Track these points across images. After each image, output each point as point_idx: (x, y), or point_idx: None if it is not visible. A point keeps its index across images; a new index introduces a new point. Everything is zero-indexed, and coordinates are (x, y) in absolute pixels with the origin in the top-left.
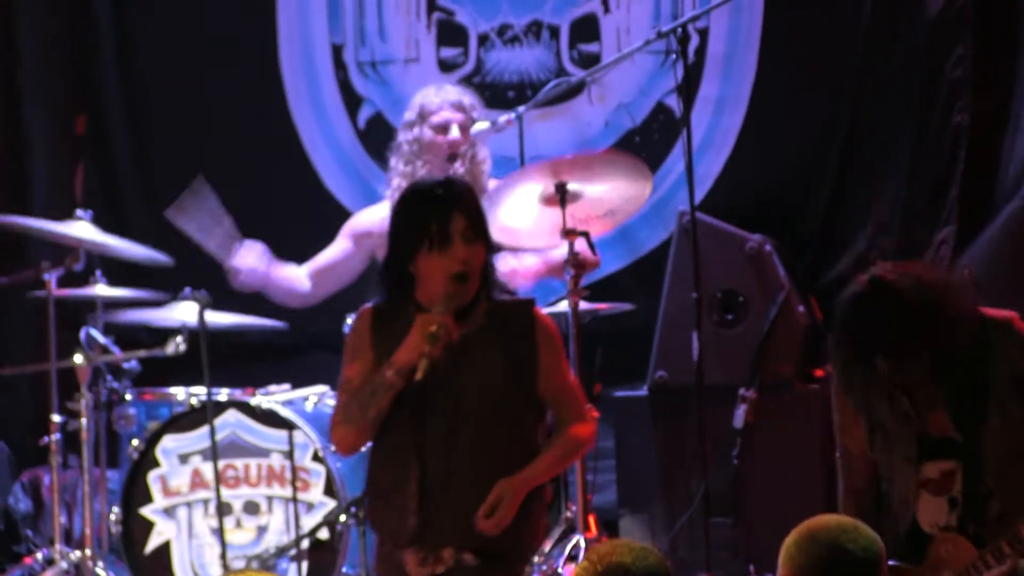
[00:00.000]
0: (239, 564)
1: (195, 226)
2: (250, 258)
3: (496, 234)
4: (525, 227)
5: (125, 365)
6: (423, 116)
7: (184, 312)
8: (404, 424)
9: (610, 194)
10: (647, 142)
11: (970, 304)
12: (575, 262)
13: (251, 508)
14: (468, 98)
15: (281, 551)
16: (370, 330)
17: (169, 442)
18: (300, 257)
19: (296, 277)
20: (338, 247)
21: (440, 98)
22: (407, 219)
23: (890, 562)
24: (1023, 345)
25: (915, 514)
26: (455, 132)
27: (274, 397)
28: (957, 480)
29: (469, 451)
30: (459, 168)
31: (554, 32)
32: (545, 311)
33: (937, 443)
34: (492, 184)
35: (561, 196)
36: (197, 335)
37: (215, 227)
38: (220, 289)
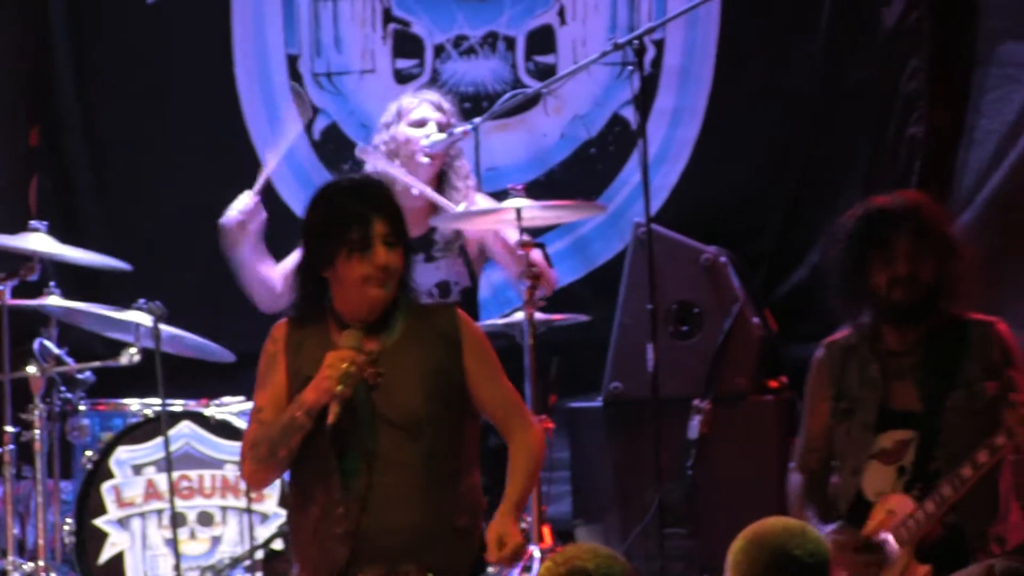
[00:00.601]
0: (193, 575)
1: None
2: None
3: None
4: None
5: (79, 376)
6: (400, 114)
7: (138, 323)
8: (322, 449)
9: (563, 215)
10: (603, 154)
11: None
12: (531, 274)
13: (205, 519)
14: (448, 104)
15: (235, 562)
16: (284, 350)
17: (123, 453)
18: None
19: (273, 273)
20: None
21: (419, 98)
22: (324, 221)
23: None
24: (1000, 344)
25: (861, 484)
26: (432, 128)
27: (228, 408)
28: (910, 450)
29: (396, 468)
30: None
31: (510, 43)
32: (501, 321)
33: (897, 415)
34: (480, 198)
35: (517, 215)
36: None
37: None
38: (174, 301)
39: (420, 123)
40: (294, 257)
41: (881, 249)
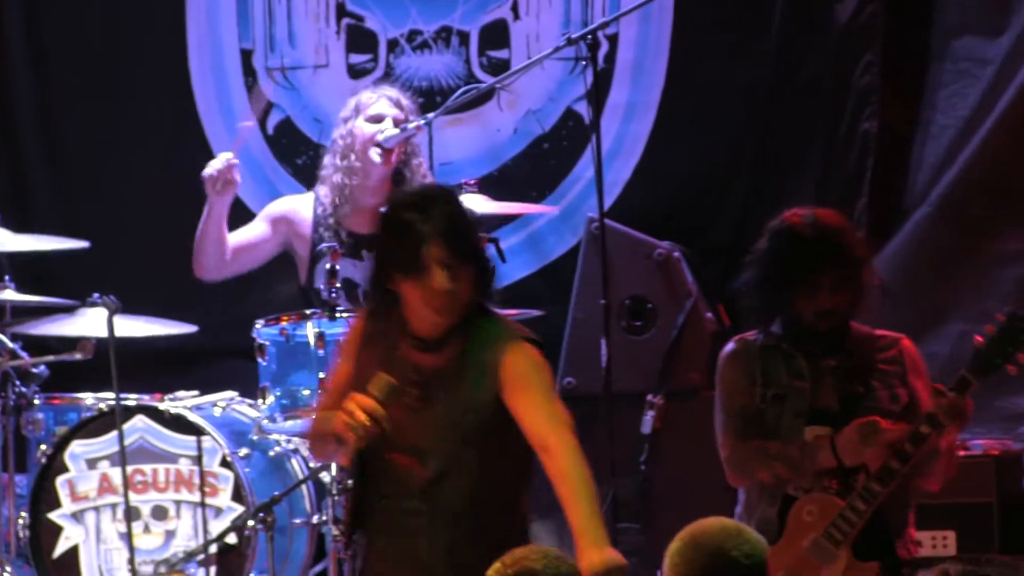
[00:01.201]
0: (147, 569)
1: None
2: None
3: None
4: None
5: (34, 370)
6: (358, 110)
7: (93, 318)
8: (377, 465)
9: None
10: (556, 148)
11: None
12: None
13: (159, 513)
14: (407, 100)
15: (189, 556)
16: (359, 336)
17: (77, 447)
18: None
19: (228, 239)
20: (256, 227)
21: (378, 93)
22: (383, 237)
23: None
24: (909, 355)
25: None
26: (388, 124)
27: (182, 403)
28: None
29: (436, 491)
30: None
31: (464, 38)
32: None
33: (818, 411)
34: None
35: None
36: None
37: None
38: (129, 295)
39: (377, 119)
40: (247, 231)
41: (805, 283)
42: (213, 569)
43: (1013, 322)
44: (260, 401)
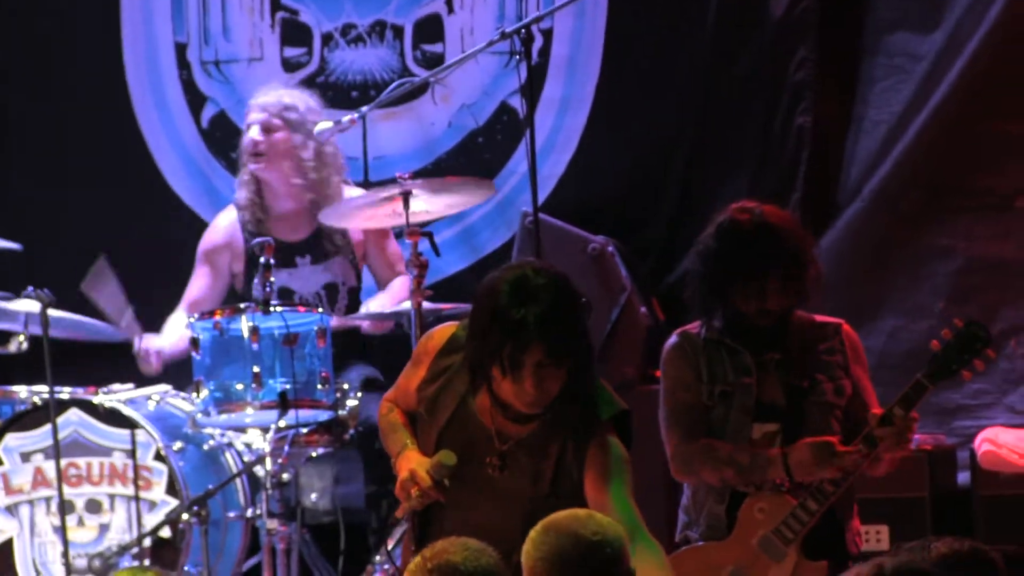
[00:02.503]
0: (81, 562)
1: (103, 302)
2: (156, 340)
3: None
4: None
5: None
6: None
7: (26, 310)
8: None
9: (453, 202)
10: (490, 142)
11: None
12: (417, 263)
13: (93, 506)
14: (290, 98)
15: (123, 549)
16: (430, 362)
17: (11, 440)
18: (146, 253)
19: (183, 328)
20: (199, 276)
21: (255, 99)
22: (482, 327)
23: (697, 542)
24: (851, 342)
25: None
26: (253, 132)
27: (116, 396)
28: (777, 443)
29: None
30: (259, 167)
31: (398, 32)
32: (390, 310)
33: (764, 406)
34: (348, 189)
35: (405, 202)
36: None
37: (121, 307)
38: (62, 288)
39: (248, 126)
40: (195, 286)
41: (749, 285)
42: (147, 562)
43: (970, 329)
44: (194, 395)
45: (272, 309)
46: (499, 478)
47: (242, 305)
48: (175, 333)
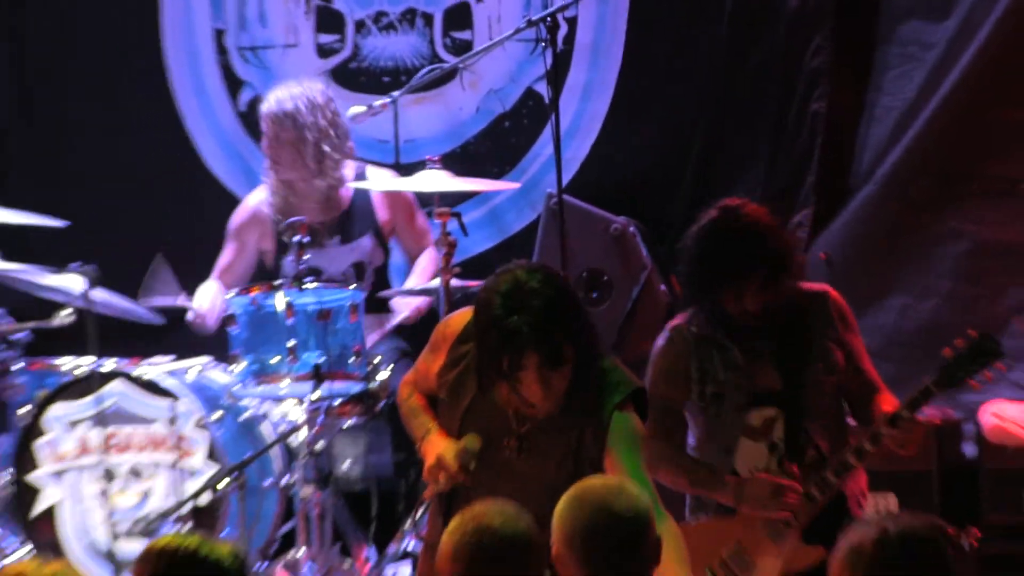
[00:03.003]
0: (123, 527)
1: (161, 300)
2: (206, 300)
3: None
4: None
5: (15, 336)
6: None
7: (72, 285)
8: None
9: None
10: (516, 127)
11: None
12: (446, 242)
13: (135, 473)
14: (289, 98)
15: (165, 514)
16: (455, 338)
17: (57, 410)
18: (184, 232)
19: (219, 292)
20: (228, 251)
21: (264, 105)
22: (481, 339)
23: (701, 518)
24: (839, 310)
25: (734, 462)
26: (264, 143)
27: (158, 367)
28: (778, 427)
29: None
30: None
31: (428, 19)
32: (419, 287)
33: (760, 394)
34: (371, 168)
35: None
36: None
37: (174, 293)
38: (106, 264)
39: (262, 132)
40: (224, 257)
41: (735, 282)
42: (187, 527)
43: (983, 343)
44: (232, 367)
45: (306, 286)
46: (517, 461)
47: (277, 282)
48: (209, 297)
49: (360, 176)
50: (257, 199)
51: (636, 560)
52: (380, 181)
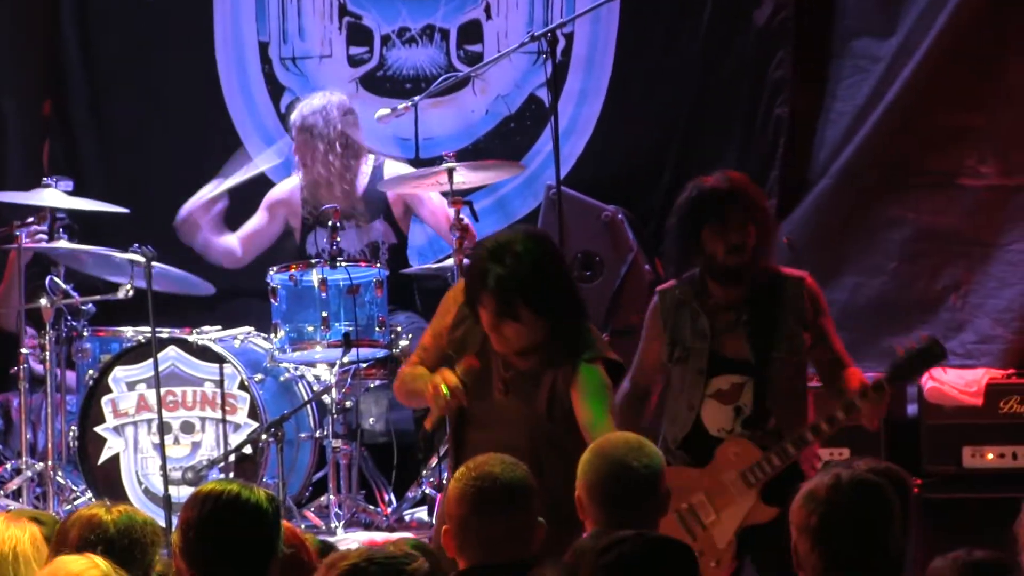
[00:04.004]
0: (176, 474)
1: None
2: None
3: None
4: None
5: (83, 307)
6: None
7: (133, 263)
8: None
9: (487, 177)
10: (520, 127)
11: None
12: (460, 226)
13: (187, 428)
14: (309, 110)
15: (212, 463)
16: (457, 307)
17: (119, 372)
18: (234, 221)
19: (233, 243)
20: (258, 218)
21: (293, 115)
22: (469, 266)
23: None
24: (812, 296)
25: (701, 418)
26: (295, 149)
27: (207, 335)
28: (746, 393)
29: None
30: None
31: (444, 34)
32: (435, 266)
33: (731, 361)
34: (389, 163)
35: (449, 176)
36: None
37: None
38: (162, 246)
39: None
40: (252, 223)
41: (715, 222)
42: (232, 474)
43: (932, 347)
44: (272, 335)
45: (338, 264)
46: (503, 401)
47: (313, 260)
48: (223, 236)
49: (379, 168)
50: (292, 184)
51: (644, 510)
52: (403, 177)
